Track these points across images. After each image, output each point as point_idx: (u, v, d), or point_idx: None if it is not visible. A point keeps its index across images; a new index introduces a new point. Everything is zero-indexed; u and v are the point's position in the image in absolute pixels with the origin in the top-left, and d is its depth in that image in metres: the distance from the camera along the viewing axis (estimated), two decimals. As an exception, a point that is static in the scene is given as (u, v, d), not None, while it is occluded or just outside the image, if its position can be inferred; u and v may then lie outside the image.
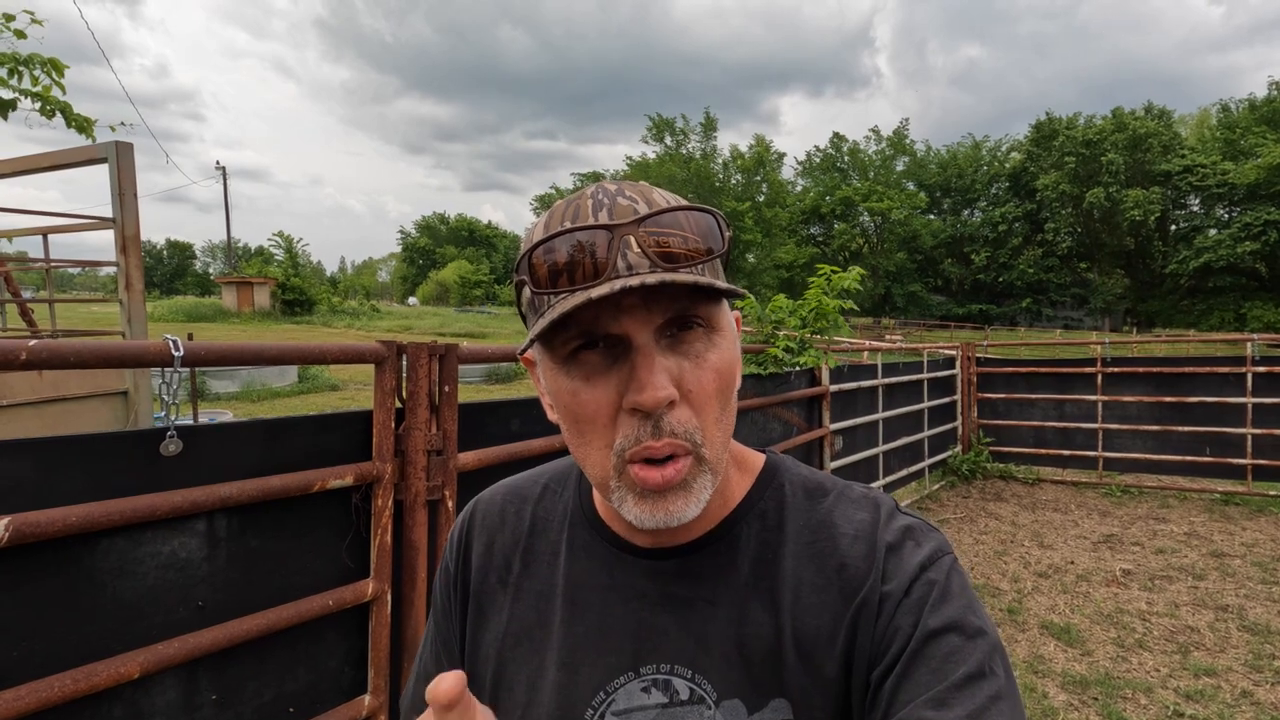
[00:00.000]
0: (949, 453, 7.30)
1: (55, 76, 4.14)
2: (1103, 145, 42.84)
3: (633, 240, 0.52)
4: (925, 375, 6.78)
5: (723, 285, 0.53)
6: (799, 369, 4.57)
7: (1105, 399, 6.88)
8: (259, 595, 1.63)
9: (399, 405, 1.90)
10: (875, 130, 55.18)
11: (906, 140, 55.07)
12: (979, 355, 7.74)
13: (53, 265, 4.41)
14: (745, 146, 51.20)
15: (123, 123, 4.62)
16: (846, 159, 55.14)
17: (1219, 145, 42.29)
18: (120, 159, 3.60)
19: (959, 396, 7.47)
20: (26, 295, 5.55)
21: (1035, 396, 7.32)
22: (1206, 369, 6.53)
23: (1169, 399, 6.61)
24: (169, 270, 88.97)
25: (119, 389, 4.03)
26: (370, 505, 1.85)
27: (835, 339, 5.41)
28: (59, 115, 4.19)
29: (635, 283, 0.49)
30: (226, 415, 9.50)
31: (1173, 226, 44.16)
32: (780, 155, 50.90)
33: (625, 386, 0.54)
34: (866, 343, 8.34)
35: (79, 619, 1.37)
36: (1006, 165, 52.06)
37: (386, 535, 1.85)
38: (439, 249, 77.94)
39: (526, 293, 0.57)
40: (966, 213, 54.34)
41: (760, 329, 4.64)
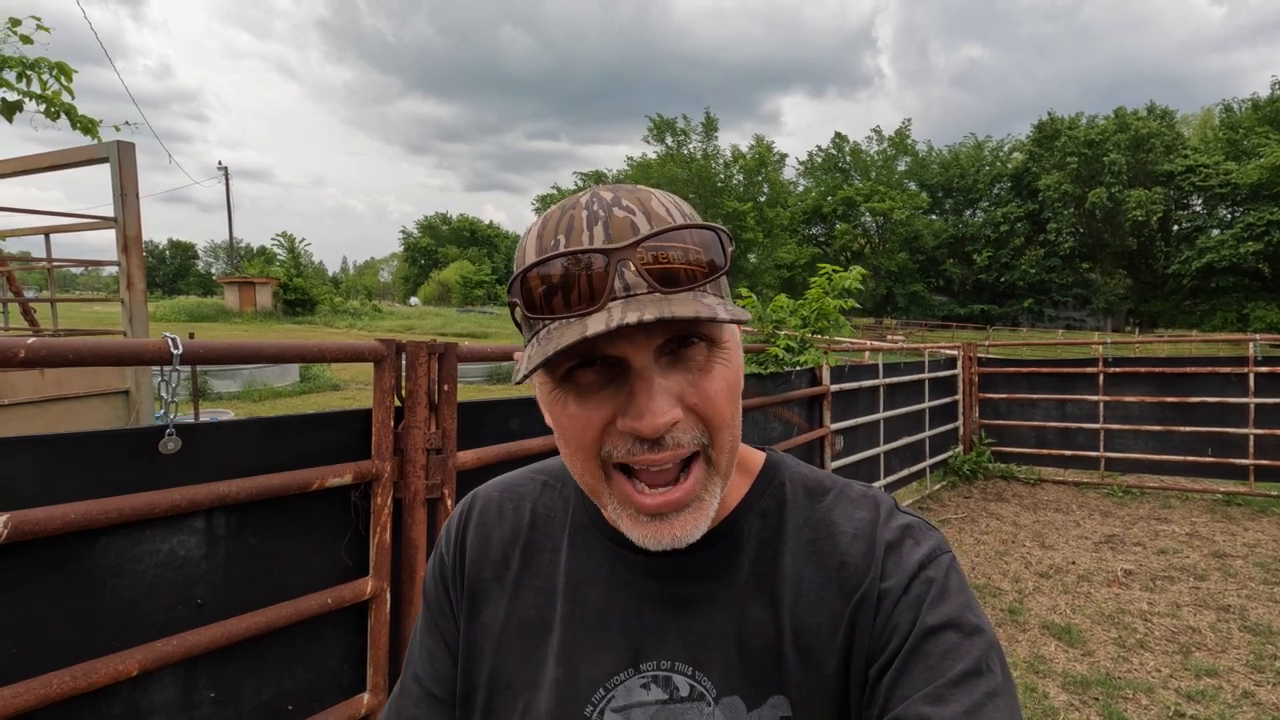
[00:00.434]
0: (950, 453, 7.29)
1: (64, 81, 4.15)
2: (1105, 145, 42.79)
3: (630, 264, 0.50)
4: (926, 375, 6.77)
5: (725, 316, 0.50)
6: (800, 368, 4.57)
7: (1107, 399, 6.86)
8: (258, 593, 1.63)
9: (398, 404, 1.90)
10: (877, 130, 55.22)
11: (908, 140, 55.07)
12: (980, 355, 7.73)
13: (55, 265, 4.42)
14: (746, 147, 51.08)
15: (127, 123, 4.64)
16: (848, 159, 55.14)
17: (1222, 145, 42.21)
18: (122, 159, 3.61)
19: (960, 396, 7.46)
20: (29, 295, 5.56)
21: (1037, 397, 7.30)
22: (1208, 369, 6.52)
23: (1171, 399, 6.59)
24: (171, 270, 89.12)
25: (120, 388, 4.04)
26: (369, 504, 1.85)
27: (836, 339, 5.41)
28: (64, 117, 4.20)
29: (633, 319, 0.47)
30: (228, 415, 9.50)
31: (1175, 227, 44.07)
32: (782, 156, 50.90)
33: (622, 409, 0.53)
34: (868, 342, 8.33)
35: (78, 616, 1.37)
36: (1008, 165, 52.04)
37: (385, 533, 1.85)
38: (441, 249, 77.96)
39: (518, 314, 0.56)
40: (968, 213, 54.31)
41: (761, 329, 4.64)
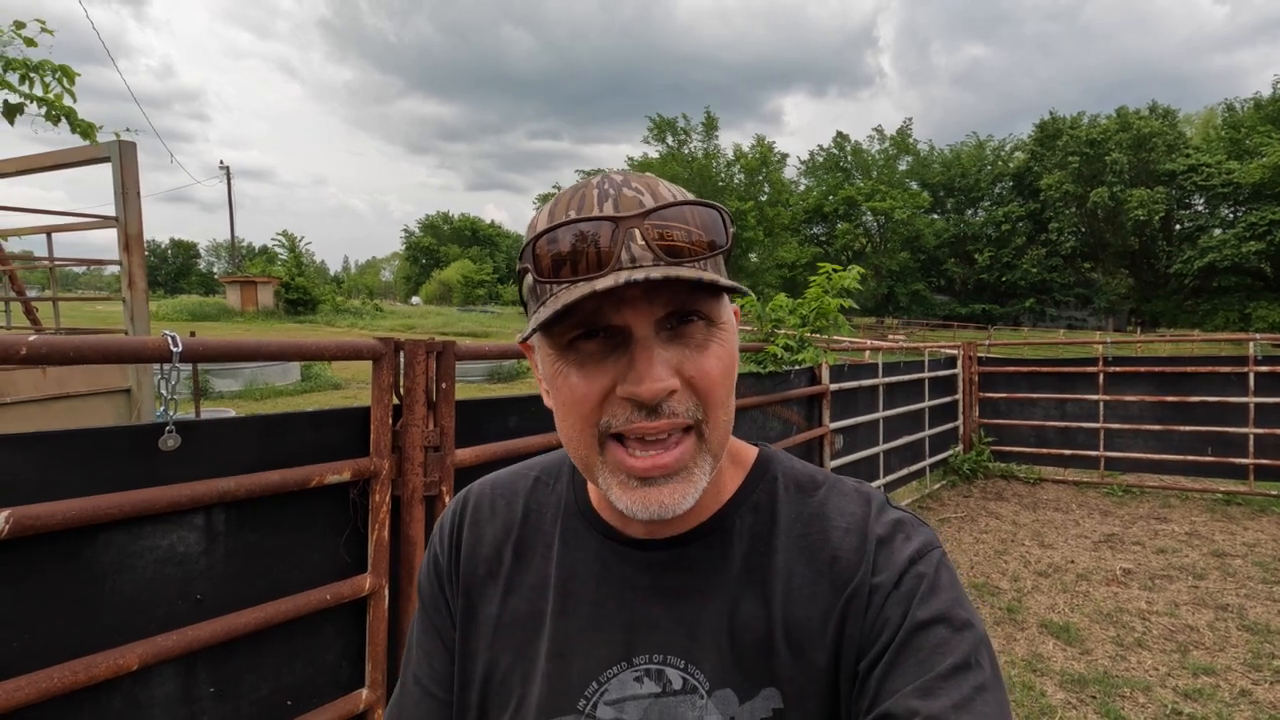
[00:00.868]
0: (950, 452, 7.29)
1: (67, 84, 4.16)
2: (1107, 145, 42.72)
3: (637, 233, 0.52)
4: (926, 374, 6.77)
5: (725, 282, 0.53)
6: (799, 367, 4.57)
7: (1107, 399, 6.86)
8: (257, 589, 1.64)
9: (396, 402, 1.91)
10: (879, 129, 55.17)
11: (910, 140, 54.99)
12: (981, 354, 7.72)
13: (57, 264, 4.43)
14: (748, 146, 50.98)
15: (128, 129, 4.64)
16: (849, 158, 55.08)
17: (1224, 144, 42.11)
18: (123, 158, 3.62)
19: (960, 396, 7.46)
20: (31, 293, 5.58)
21: (1037, 396, 7.30)
22: (1208, 369, 6.52)
23: (1171, 398, 6.59)
24: (173, 269, 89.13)
25: (122, 387, 4.05)
26: (368, 501, 1.86)
27: (836, 338, 5.41)
28: (64, 120, 4.21)
29: (640, 276, 0.49)
30: (229, 413, 9.53)
31: (1177, 226, 43.98)
32: (783, 156, 50.83)
33: (622, 376, 0.54)
34: (868, 341, 8.33)
35: (78, 611, 1.38)
36: (1010, 165, 51.95)
37: (384, 530, 1.86)
38: (442, 248, 77.98)
39: (529, 280, 0.57)
40: (970, 212, 54.22)
41: (761, 328, 4.65)
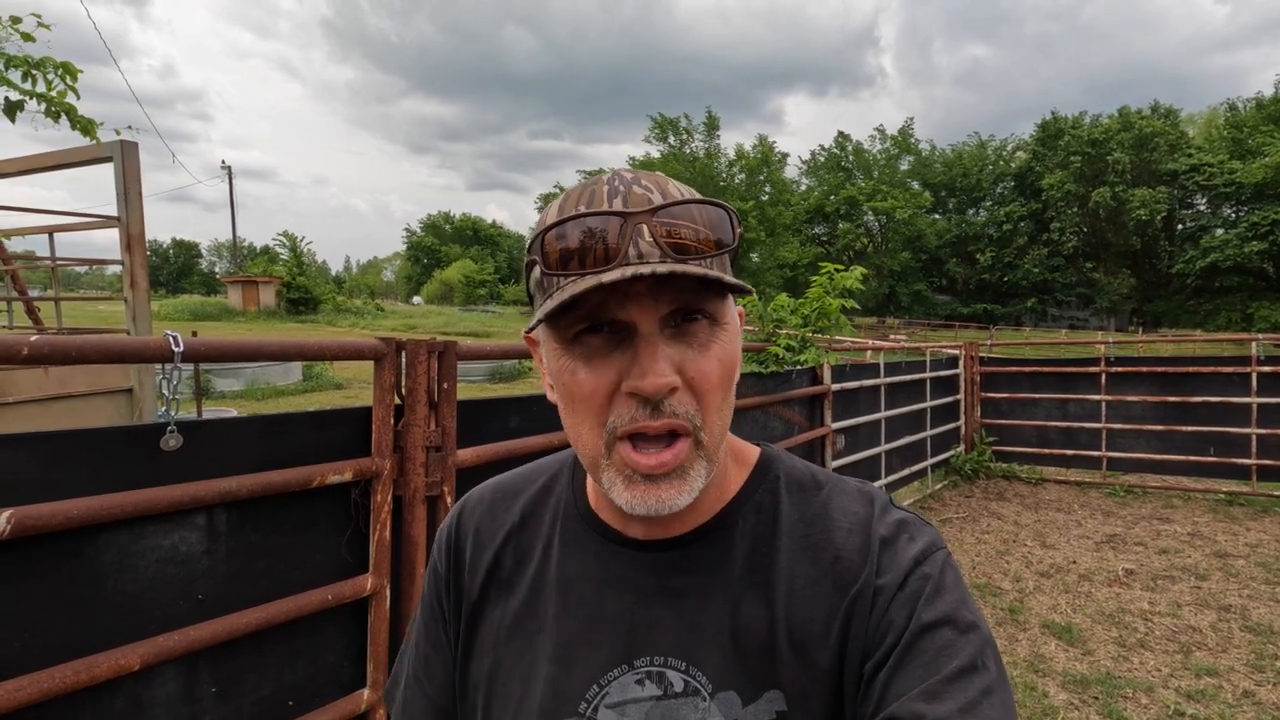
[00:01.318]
0: (952, 452, 7.28)
1: (69, 81, 4.15)
2: (1109, 144, 42.64)
3: (645, 229, 0.53)
4: (928, 374, 6.76)
5: (730, 280, 0.53)
6: (800, 367, 4.57)
7: (1109, 399, 6.85)
8: (258, 589, 1.64)
9: (398, 402, 1.91)
10: (880, 129, 55.06)
11: (911, 139, 54.91)
12: (983, 354, 7.72)
13: (59, 264, 4.44)
14: (750, 146, 50.96)
15: (129, 126, 4.64)
16: (851, 158, 54.98)
17: (1226, 144, 42.01)
18: (125, 158, 3.62)
19: (962, 396, 7.46)
20: (33, 293, 5.59)
21: (1039, 396, 7.29)
22: (1211, 369, 6.50)
23: (1173, 399, 6.58)
24: (175, 269, 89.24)
25: (124, 386, 4.05)
26: (369, 501, 1.86)
27: (837, 338, 5.40)
28: (64, 117, 4.21)
29: (646, 270, 0.50)
30: (231, 413, 9.54)
31: (1179, 226, 43.90)
32: (784, 155, 50.80)
33: (626, 371, 0.54)
34: (869, 341, 8.32)
35: (80, 611, 1.38)
36: (1012, 165, 51.85)
37: (385, 530, 1.86)
38: (443, 248, 78.00)
39: (536, 273, 0.57)
40: (971, 212, 54.14)
41: (762, 328, 4.64)
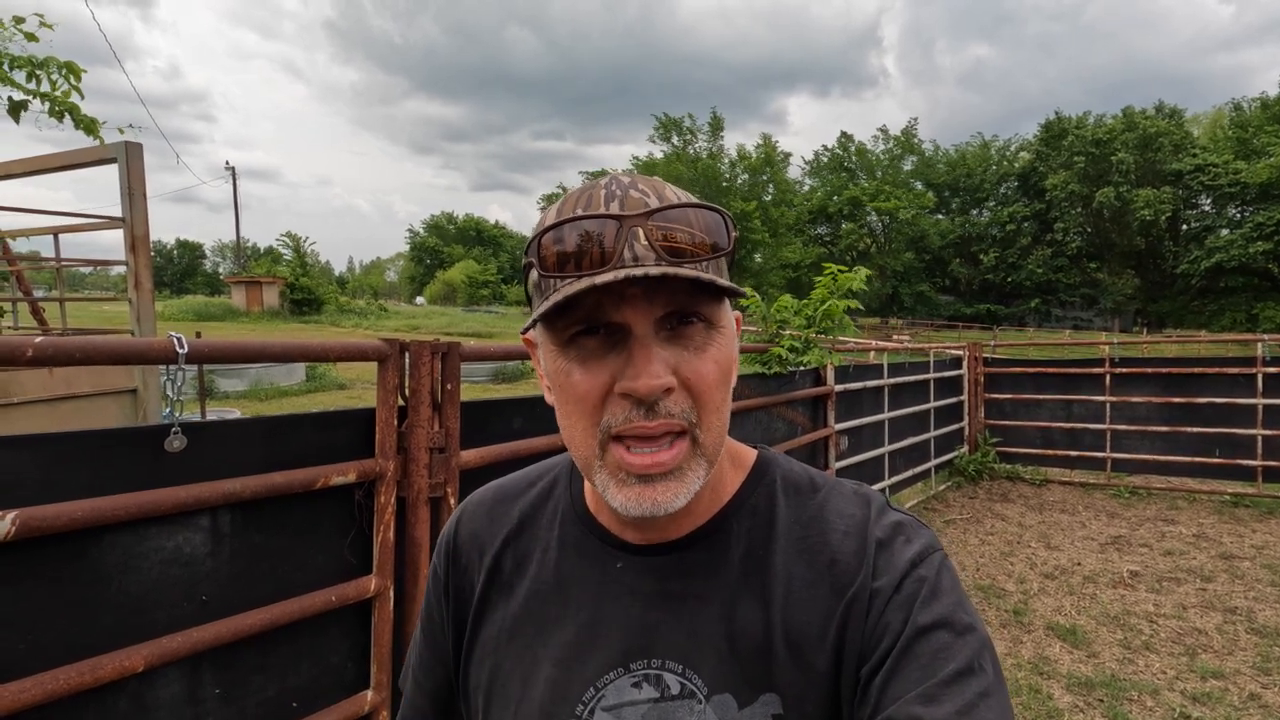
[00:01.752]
0: (955, 453, 7.26)
1: (73, 81, 4.16)
2: (1113, 145, 42.53)
3: (640, 232, 0.53)
4: (931, 375, 6.75)
5: (724, 283, 0.54)
6: (804, 368, 4.56)
7: (1113, 400, 6.83)
8: (262, 591, 1.64)
9: (402, 403, 1.91)
10: (883, 130, 55.08)
11: (914, 140, 54.88)
12: (986, 355, 7.70)
13: (63, 264, 4.45)
14: (752, 147, 50.94)
15: (131, 125, 4.64)
16: (854, 159, 54.96)
17: (1231, 144, 41.87)
18: (130, 159, 3.63)
19: (966, 397, 7.44)
20: (38, 294, 5.61)
21: (1043, 397, 7.27)
22: (1215, 369, 6.48)
23: (1178, 400, 6.55)
24: (179, 270, 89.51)
25: (128, 387, 4.06)
26: (373, 502, 1.86)
27: (841, 339, 5.40)
28: (67, 116, 4.22)
29: (639, 273, 0.51)
30: (234, 414, 9.56)
31: (1184, 226, 43.77)
32: (787, 155, 50.76)
33: (620, 373, 0.54)
34: (873, 342, 8.30)
35: (84, 613, 1.38)
36: (1015, 165, 51.77)
37: (389, 532, 1.86)
38: (447, 249, 78.11)
39: (534, 275, 0.58)
40: (975, 212, 54.03)
41: (765, 329, 4.64)
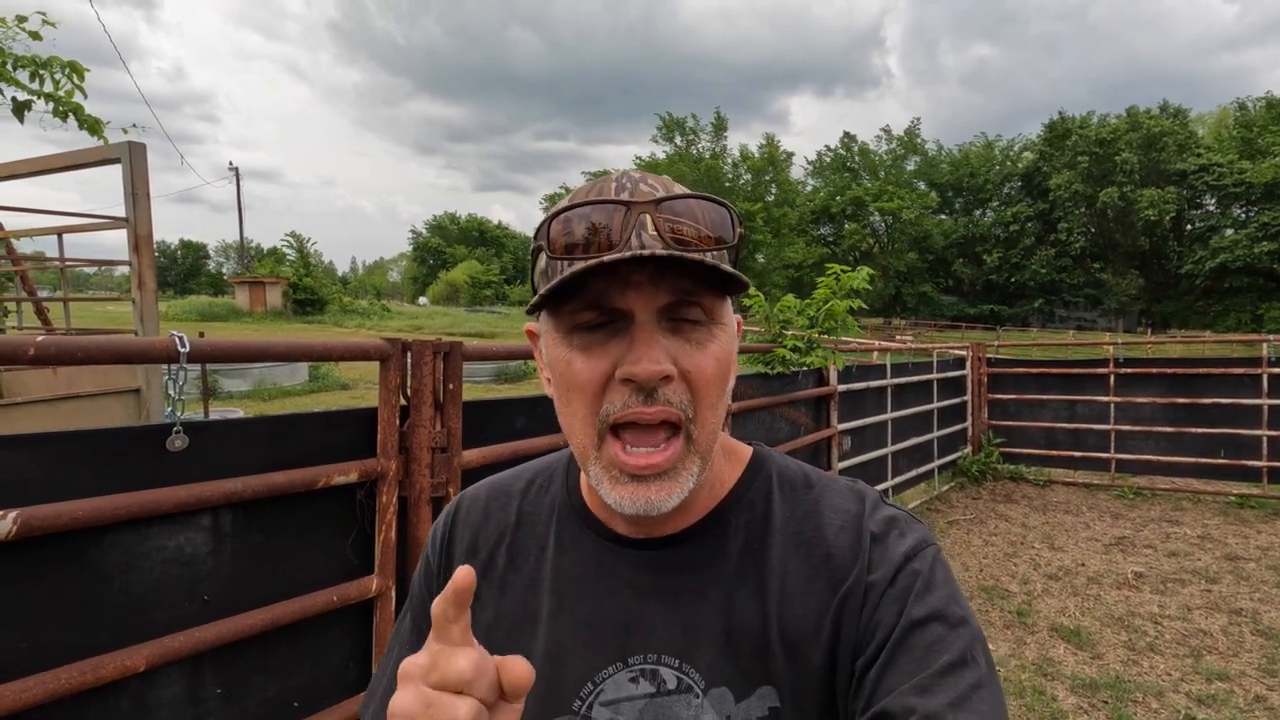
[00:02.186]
0: (959, 454, 7.25)
1: (76, 80, 4.17)
2: (1117, 144, 42.41)
3: (648, 220, 0.55)
4: (935, 376, 6.73)
5: (728, 269, 0.54)
6: (807, 369, 4.55)
7: (1118, 400, 6.80)
8: (264, 590, 1.64)
9: (404, 402, 1.91)
10: (886, 130, 54.93)
11: (917, 140, 54.74)
12: (990, 356, 7.68)
13: (67, 264, 4.47)
14: (755, 147, 50.91)
15: (134, 124, 4.66)
16: (857, 159, 54.84)
17: (1235, 144, 41.71)
18: (133, 159, 3.63)
19: (969, 397, 7.42)
20: (43, 294, 5.63)
21: (1046, 397, 7.25)
22: (1221, 370, 6.45)
23: (1182, 400, 6.52)
24: (183, 270, 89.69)
25: (131, 387, 4.07)
26: (375, 502, 1.85)
27: (844, 339, 5.38)
28: (71, 116, 4.23)
29: (646, 253, 0.52)
30: (237, 413, 9.58)
31: (1188, 226, 43.61)
32: (789, 154, 50.71)
33: (622, 359, 0.55)
34: (875, 343, 8.29)
35: (86, 612, 1.38)
36: (1019, 165, 51.62)
37: (391, 532, 1.86)
38: (449, 249, 78.20)
39: (542, 260, 0.58)
40: (978, 212, 53.90)
41: (768, 329, 4.63)
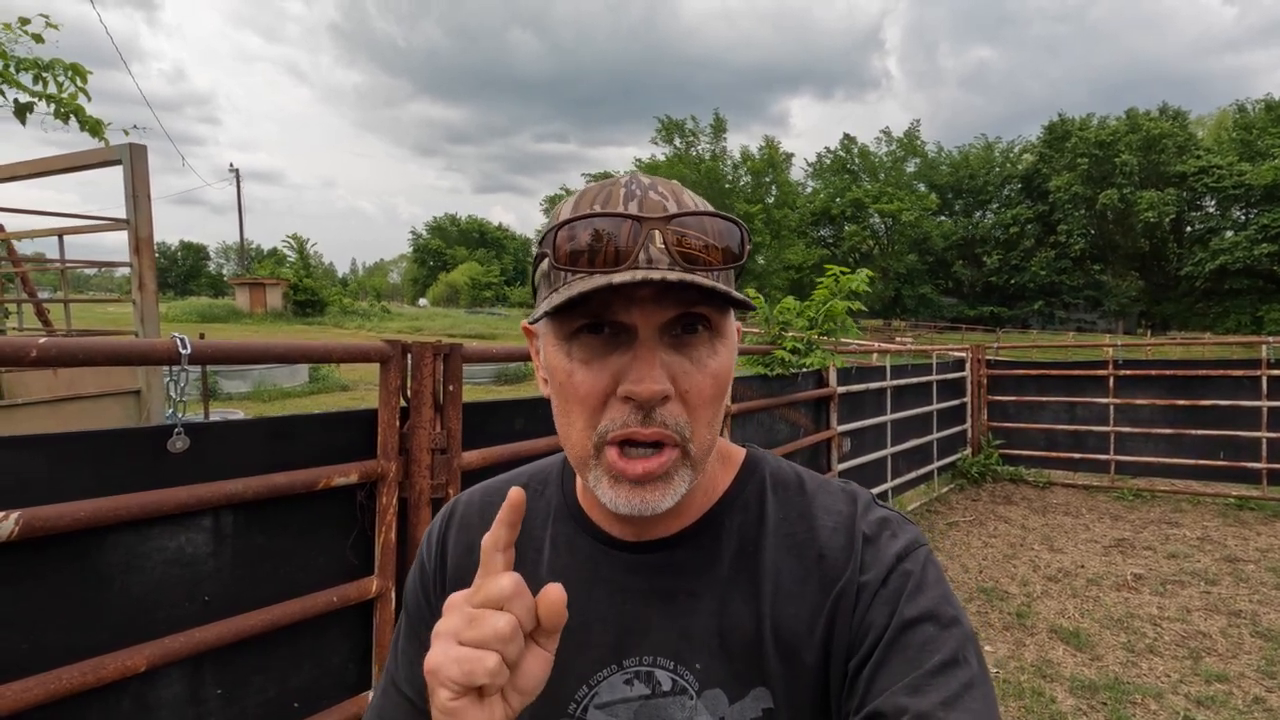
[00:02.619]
0: (958, 455, 7.25)
1: (79, 83, 4.17)
2: (1116, 146, 42.41)
3: (658, 235, 0.53)
4: (934, 377, 6.74)
5: (737, 295, 0.54)
6: (806, 370, 4.56)
7: (1117, 402, 6.81)
8: (264, 591, 1.64)
9: (404, 404, 1.92)
10: (886, 131, 54.89)
11: (917, 142, 54.72)
12: (989, 357, 7.68)
13: (68, 266, 4.47)
14: (755, 149, 50.91)
15: (135, 126, 4.67)
16: (857, 161, 54.82)
17: (1235, 146, 41.73)
18: (134, 161, 3.64)
19: (969, 399, 7.43)
20: (43, 295, 5.63)
21: (1046, 399, 7.25)
22: (1220, 371, 6.46)
23: (1182, 402, 6.53)
24: (183, 271, 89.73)
25: (132, 388, 4.08)
26: (375, 503, 1.86)
27: (843, 340, 5.39)
28: (73, 118, 4.24)
29: (657, 276, 0.50)
30: (238, 415, 9.58)
31: (1188, 228, 43.63)
32: (789, 156, 50.71)
33: (622, 375, 0.55)
34: (875, 344, 8.29)
35: (87, 612, 1.38)
36: (1019, 166, 51.60)
37: (390, 533, 1.86)
38: (449, 250, 78.24)
39: (545, 265, 0.57)
40: (978, 214, 53.87)
41: (768, 330, 4.63)
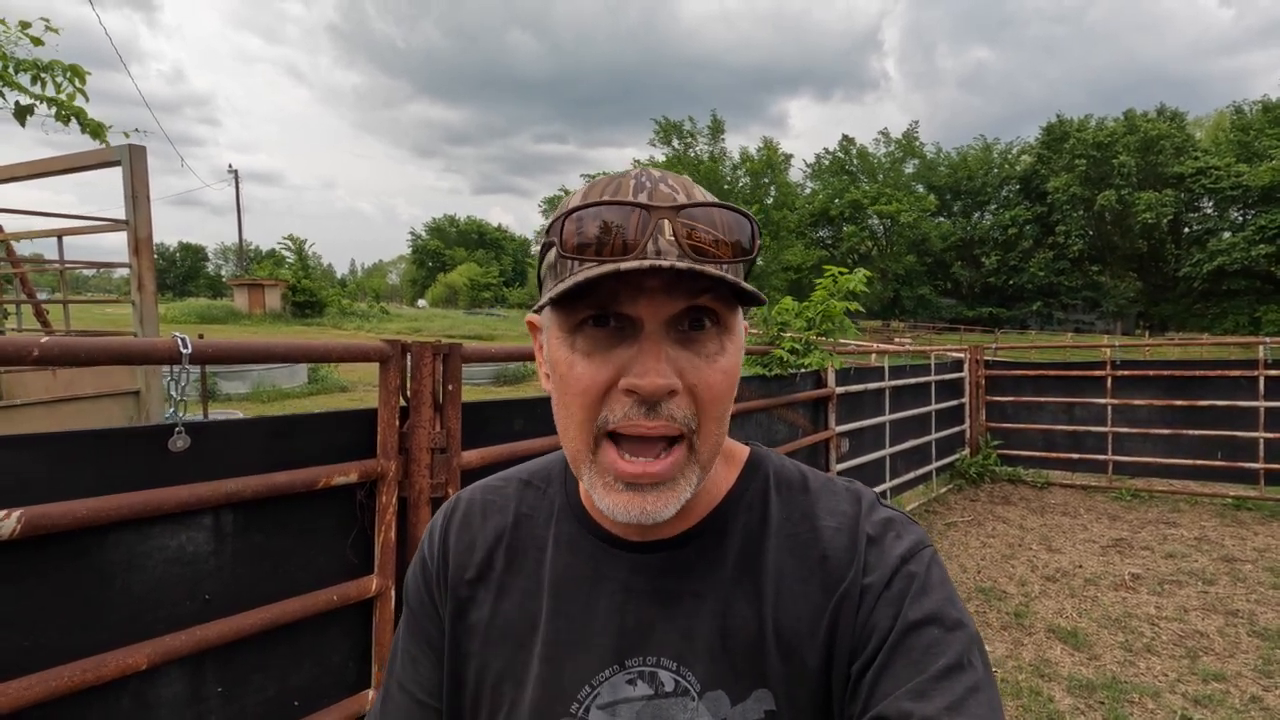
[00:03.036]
0: (957, 456, 7.26)
1: (78, 84, 4.18)
2: (1114, 147, 42.46)
3: (667, 226, 0.52)
4: (933, 378, 6.74)
5: (746, 287, 0.53)
6: (805, 370, 4.57)
7: (1115, 402, 6.82)
8: (264, 590, 1.65)
9: (403, 404, 1.92)
10: (884, 133, 54.88)
11: (916, 143, 54.75)
12: (988, 358, 7.70)
13: (67, 266, 4.48)
14: (754, 150, 50.87)
15: (136, 129, 4.68)
16: (855, 162, 54.84)
17: (1233, 147, 41.80)
18: (133, 162, 3.65)
19: (967, 399, 7.44)
20: (42, 296, 5.63)
21: (1044, 399, 7.27)
22: (1218, 372, 6.48)
23: (1180, 402, 6.54)
24: (182, 272, 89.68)
25: (131, 389, 4.08)
26: (374, 502, 1.86)
27: (842, 341, 5.40)
28: (73, 120, 4.24)
29: (666, 264, 0.49)
30: (237, 415, 9.57)
31: (1186, 229, 43.67)
32: (788, 157, 50.71)
33: (626, 369, 0.54)
34: (874, 345, 8.31)
35: (88, 611, 1.39)
36: (1017, 168, 51.66)
37: (390, 532, 1.87)
38: (449, 251, 78.24)
39: (552, 255, 0.56)
40: (977, 215, 53.91)
41: (766, 330, 4.64)
